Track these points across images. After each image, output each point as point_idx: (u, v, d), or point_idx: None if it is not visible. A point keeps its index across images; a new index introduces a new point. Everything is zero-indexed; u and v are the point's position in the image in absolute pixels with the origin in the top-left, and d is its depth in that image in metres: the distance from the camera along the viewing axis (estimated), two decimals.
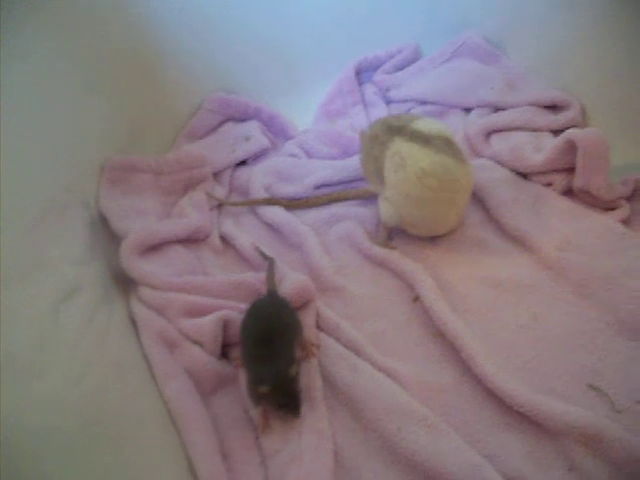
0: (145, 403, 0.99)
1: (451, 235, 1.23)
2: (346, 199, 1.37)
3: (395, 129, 1.16)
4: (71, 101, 1.26)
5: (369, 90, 1.64)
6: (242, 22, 1.58)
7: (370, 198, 1.30)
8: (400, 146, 1.14)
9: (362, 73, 1.68)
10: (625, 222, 1.16)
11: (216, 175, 1.46)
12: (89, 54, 1.33)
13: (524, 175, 1.29)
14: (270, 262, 1.16)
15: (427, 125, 1.15)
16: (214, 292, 1.14)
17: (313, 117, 1.65)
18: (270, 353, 0.97)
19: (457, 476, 0.86)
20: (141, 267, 1.16)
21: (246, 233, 1.32)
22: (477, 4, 1.58)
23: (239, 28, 1.58)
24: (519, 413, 0.93)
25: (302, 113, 1.63)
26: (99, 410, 0.88)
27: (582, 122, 1.33)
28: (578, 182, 1.19)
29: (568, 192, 1.24)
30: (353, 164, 1.36)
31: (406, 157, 1.12)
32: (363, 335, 1.08)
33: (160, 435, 0.96)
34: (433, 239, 1.22)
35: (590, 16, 1.30)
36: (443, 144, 1.12)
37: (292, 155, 1.49)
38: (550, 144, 1.25)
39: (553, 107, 1.39)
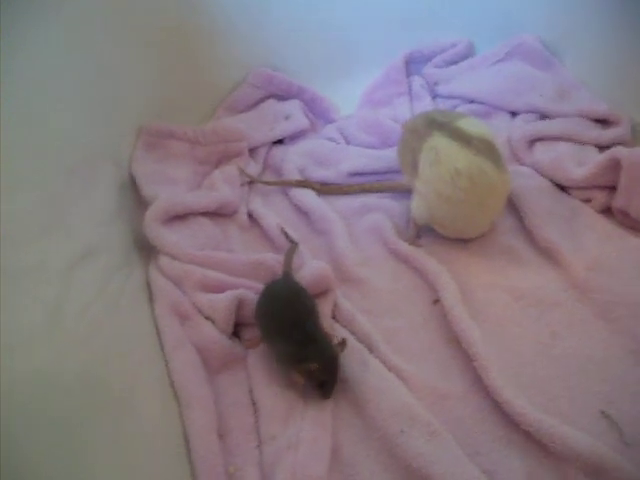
0: (150, 373, 0.99)
1: (480, 239, 1.21)
2: (379, 191, 1.35)
3: (436, 124, 1.14)
4: (112, 64, 1.26)
5: (417, 82, 1.61)
6: (295, 0, 1.56)
7: (404, 193, 1.28)
8: (438, 142, 1.12)
9: (412, 64, 1.65)
10: None
11: (252, 151, 1.45)
12: (137, 22, 1.33)
13: (563, 188, 1.26)
14: (292, 245, 1.15)
15: (471, 125, 1.13)
16: (233, 269, 1.14)
17: (356, 103, 1.63)
18: (310, 332, 0.98)
19: None
20: (164, 236, 1.16)
21: (274, 213, 1.31)
22: (540, 9, 1.54)
23: (291, 6, 1.56)
24: (525, 432, 0.90)
25: (346, 98, 1.61)
26: (103, 374, 0.87)
27: (631, 141, 1.30)
28: (618, 202, 1.16)
29: (606, 211, 1.21)
30: (390, 155, 1.35)
31: (442, 154, 1.10)
32: (377, 331, 1.07)
33: (160, 406, 0.95)
34: (461, 242, 1.20)
35: None
36: (484, 147, 1.10)
37: (330, 139, 1.48)
38: (594, 159, 1.22)
39: (602, 121, 1.35)
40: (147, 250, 1.19)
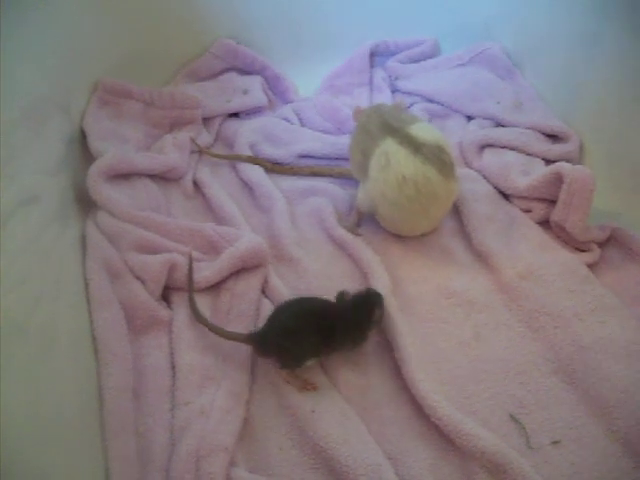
0: (72, 326, 0.98)
1: (420, 236, 1.22)
2: (329, 175, 1.36)
3: (390, 129, 1.14)
4: (73, 18, 1.26)
5: (378, 74, 1.61)
6: None
7: (351, 179, 1.29)
8: (389, 147, 1.12)
9: (376, 56, 1.65)
10: (591, 266, 1.14)
11: (206, 121, 1.45)
12: None
13: (506, 196, 1.28)
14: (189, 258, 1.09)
15: (423, 131, 1.13)
16: (170, 234, 1.14)
17: (317, 87, 1.63)
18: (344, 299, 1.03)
19: (357, 471, 0.86)
20: (105, 191, 1.16)
21: (220, 184, 1.31)
22: (508, 18, 1.56)
23: None
24: (434, 424, 0.92)
25: (307, 80, 1.61)
26: (28, 321, 0.87)
27: (577, 158, 1.32)
28: (555, 216, 1.18)
29: (544, 223, 1.23)
30: (343, 142, 1.35)
31: (392, 160, 1.11)
32: None
33: (78, 361, 0.95)
34: (400, 236, 1.22)
35: (611, 61, 1.27)
36: (433, 155, 1.11)
37: (285, 119, 1.48)
38: (538, 172, 1.24)
39: (553, 136, 1.37)
40: (87, 205, 1.18)
